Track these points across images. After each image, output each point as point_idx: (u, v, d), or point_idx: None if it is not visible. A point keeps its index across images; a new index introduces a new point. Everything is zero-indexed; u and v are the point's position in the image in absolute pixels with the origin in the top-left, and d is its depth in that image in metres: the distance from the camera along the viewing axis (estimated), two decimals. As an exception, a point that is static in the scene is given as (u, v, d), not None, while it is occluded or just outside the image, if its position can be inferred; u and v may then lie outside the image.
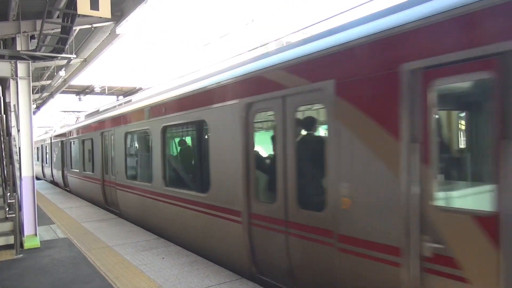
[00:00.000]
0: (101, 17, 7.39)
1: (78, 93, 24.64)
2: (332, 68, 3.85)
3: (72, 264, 6.19)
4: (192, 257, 6.26)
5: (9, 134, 8.41)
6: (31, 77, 8.08)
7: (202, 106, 6.05)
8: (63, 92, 22.35)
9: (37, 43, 8.43)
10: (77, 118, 19.79)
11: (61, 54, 8.73)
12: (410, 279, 3.15)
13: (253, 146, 5.12)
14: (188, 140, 7.52)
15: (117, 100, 14.35)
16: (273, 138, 4.75)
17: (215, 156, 5.80)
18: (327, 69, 3.91)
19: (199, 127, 6.45)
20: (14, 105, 7.90)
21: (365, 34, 3.57)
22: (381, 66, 3.38)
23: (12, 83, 8.06)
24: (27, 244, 7.24)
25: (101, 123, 11.57)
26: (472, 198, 3.03)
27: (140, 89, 21.89)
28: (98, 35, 11.49)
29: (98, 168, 11.72)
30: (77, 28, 9.07)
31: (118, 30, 10.09)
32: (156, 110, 7.66)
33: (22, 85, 7.87)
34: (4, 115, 9.53)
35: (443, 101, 3.05)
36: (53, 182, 21.92)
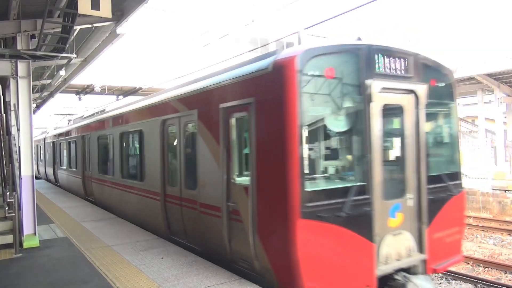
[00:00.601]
0: (101, 17, 7.38)
1: (78, 92, 24.63)
2: (196, 102, 6.57)
3: (71, 263, 6.20)
4: (192, 257, 6.28)
5: (9, 133, 8.41)
6: (31, 76, 8.09)
7: (140, 120, 8.88)
8: (63, 91, 22.34)
9: (38, 43, 8.42)
10: (69, 121, 20.94)
11: (62, 53, 8.73)
12: (224, 225, 5.72)
13: (167, 148, 7.64)
14: (134, 143, 10.06)
15: (117, 100, 14.91)
16: (176, 144, 7.28)
17: (147, 155, 8.47)
18: (194, 103, 6.63)
19: (140, 135, 8.96)
20: (14, 104, 7.91)
21: (206, 86, 6.32)
22: (213, 104, 6.02)
23: (12, 82, 8.07)
24: (27, 244, 7.25)
25: (82, 128, 14.26)
26: (245, 178, 5.41)
27: (140, 88, 21.85)
28: (98, 35, 11.48)
29: (80, 165, 14.29)
30: (77, 28, 9.06)
31: (119, 30, 10.09)
32: (116, 120, 10.53)
33: (22, 84, 7.88)
34: (4, 114, 9.54)
35: (236, 125, 5.65)
36: (47, 179, 22.96)
